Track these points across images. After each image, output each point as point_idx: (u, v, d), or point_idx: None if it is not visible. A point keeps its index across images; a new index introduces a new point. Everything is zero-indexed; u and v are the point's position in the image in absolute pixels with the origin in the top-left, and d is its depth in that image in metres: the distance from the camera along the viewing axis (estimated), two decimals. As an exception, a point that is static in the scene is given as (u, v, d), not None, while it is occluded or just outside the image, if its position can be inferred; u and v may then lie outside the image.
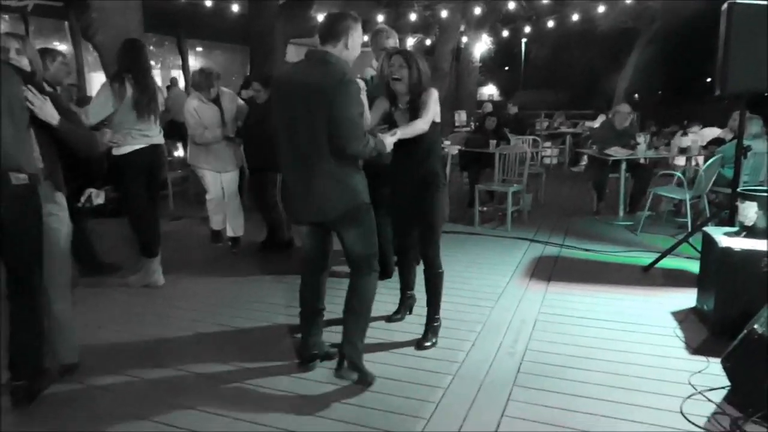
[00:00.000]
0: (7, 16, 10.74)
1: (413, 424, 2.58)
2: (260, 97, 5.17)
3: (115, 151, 4.16)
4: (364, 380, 2.90)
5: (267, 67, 9.68)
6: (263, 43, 10.52)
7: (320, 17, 12.07)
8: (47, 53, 3.90)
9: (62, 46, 11.68)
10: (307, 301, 3.08)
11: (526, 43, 24.35)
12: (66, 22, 11.85)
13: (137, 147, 4.18)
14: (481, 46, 17.54)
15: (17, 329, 2.75)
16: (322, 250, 3.04)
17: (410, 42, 16.70)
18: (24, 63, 2.99)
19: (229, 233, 5.45)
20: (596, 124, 10.87)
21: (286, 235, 5.43)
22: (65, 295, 3.03)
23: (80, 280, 4.32)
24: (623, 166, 6.61)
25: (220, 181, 5.27)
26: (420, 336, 3.41)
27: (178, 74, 15.30)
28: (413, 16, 14.40)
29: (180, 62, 15.62)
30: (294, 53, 12.19)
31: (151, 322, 3.80)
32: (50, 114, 2.76)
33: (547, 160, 11.11)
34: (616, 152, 6.60)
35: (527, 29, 16.78)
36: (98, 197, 6.46)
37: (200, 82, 5.01)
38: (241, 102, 5.37)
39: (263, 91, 5.12)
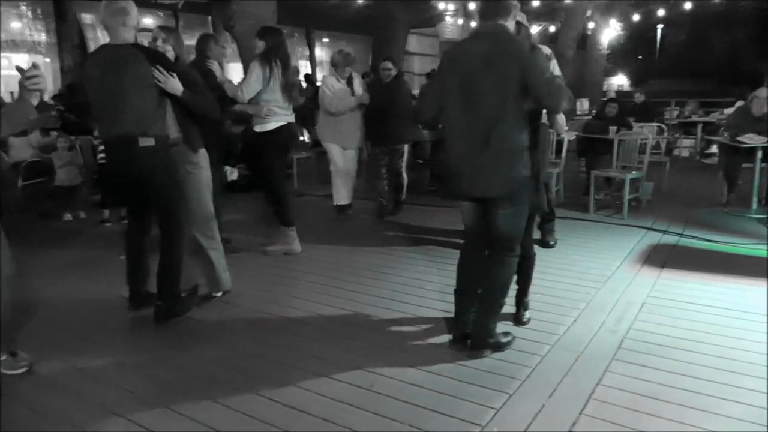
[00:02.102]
0: (161, 13, 12.03)
1: (507, 384, 2.71)
2: (389, 76, 5.73)
3: (259, 128, 4.60)
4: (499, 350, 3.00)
5: (390, 54, 10.03)
6: (385, 32, 10.90)
7: (440, 6, 12.23)
8: (210, 38, 4.61)
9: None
10: (463, 277, 3.10)
11: (661, 27, 22.82)
12: (209, 17, 12.97)
13: (279, 124, 4.61)
14: (610, 32, 16.74)
15: (161, 261, 3.43)
16: (484, 226, 2.99)
17: (534, 30, 16.34)
18: (168, 49, 3.71)
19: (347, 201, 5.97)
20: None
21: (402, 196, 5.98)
22: (206, 234, 3.69)
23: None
24: (759, 155, 6.15)
25: (344, 157, 5.73)
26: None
27: (305, 65, 16.16)
28: (536, 2, 14.09)
29: (307, 53, 16.47)
30: (416, 43, 12.42)
31: (290, 284, 4.25)
32: (175, 87, 3.27)
33: (676, 151, 10.45)
34: (751, 139, 6.15)
35: (661, 12, 15.75)
36: (232, 174, 7.15)
37: (339, 61, 5.54)
38: (363, 86, 5.81)
39: (393, 69, 5.70)
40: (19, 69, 2.43)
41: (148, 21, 13.12)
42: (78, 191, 6.21)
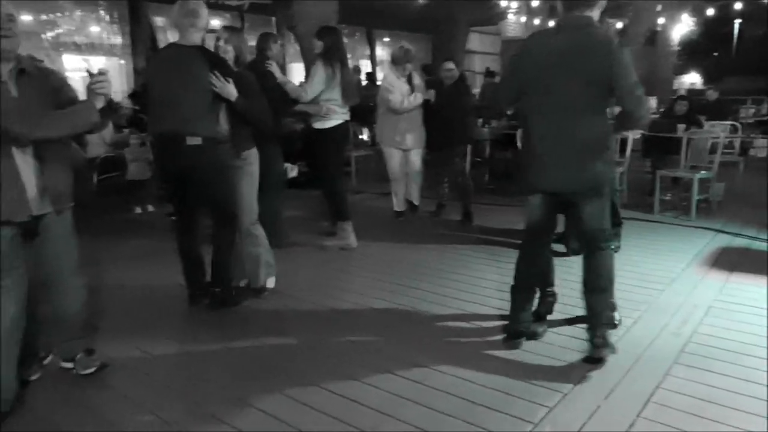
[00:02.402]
0: (228, 14, 12.43)
1: (561, 384, 2.66)
2: (451, 78, 5.56)
3: (319, 125, 4.69)
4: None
5: (449, 54, 9.97)
6: (446, 31, 10.85)
7: (503, 4, 12.00)
8: (271, 37, 4.64)
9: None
10: (523, 274, 3.07)
11: (738, 22, 21.68)
12: (273, 18, 13.28)
13: (338, 122, 4.70)
14: (681, 28, 16.05)
15: (213, 251, 3.59)
16: (550, 223, 3.00)
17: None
18: (229, 49, 3.79)
19: (414, 201, 5.91)
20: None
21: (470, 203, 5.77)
22: (249, 229, 3.74)
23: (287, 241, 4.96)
24: None
25: (404, 160, 5.64)
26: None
27: (365, 64, 16.29)
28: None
29: (368, 52, 16.60)
30: (477, 41, 12.30)
31: (346, 278, 4.33)
32: (230, 93, 3.37)
33: (752, 151, 9.91)
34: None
35: (738, 6, 14.95)
36: (292, 171, 7.32)
37: (399, 56, 5.42)
38: (423, 84, 5.68)
39: (455, 70, 5.55)
40: (89, 72, 2.56)
41: (215, 22, 13.62)
42: (147, 185, 6.50)
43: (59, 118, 2.47)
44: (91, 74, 2.55)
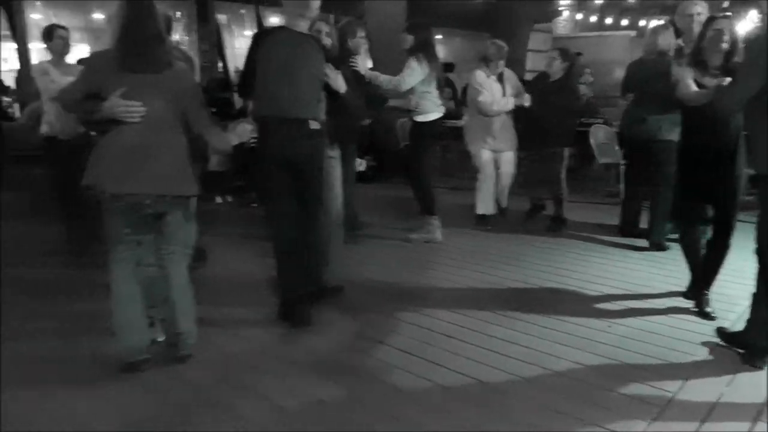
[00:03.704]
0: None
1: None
2: (556, 72, 5.15)
3: (420, 118, 4.72)
4: None
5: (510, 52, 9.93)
6: (506, 28, 10.78)
7: (561, 1, 11.70)
8: (349, 28, 4.50)
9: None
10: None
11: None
12: (331, 15, 13.48)
13: (437, 116, 4.76)
14: (745, 24, 15.60)
15: (307, 245, 3.44)
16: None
17: (653, 22, 15.56)
18: (328, 42, 3.85)
19: (502, 204, 5.55)
20: None
21: (563, 211, 5.38)
22: (336, 223, 3.75)
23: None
24: None
25: (494, 161, 5.32)
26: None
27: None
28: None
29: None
30: (540, 40, 12.19)
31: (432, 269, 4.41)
32: (340, 85, 3.38)
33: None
34: None
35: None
36: (360, 165, 7.43)
37: (493, 54, 5.13)
38: (518, 83, 5.40)
39: (559, 61, 5.11)
40: None
41: (275, 20, 13.90)
42: (227, 176, 6.71)
43: None
44: None
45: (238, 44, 14.19)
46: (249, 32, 14.33)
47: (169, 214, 2.76)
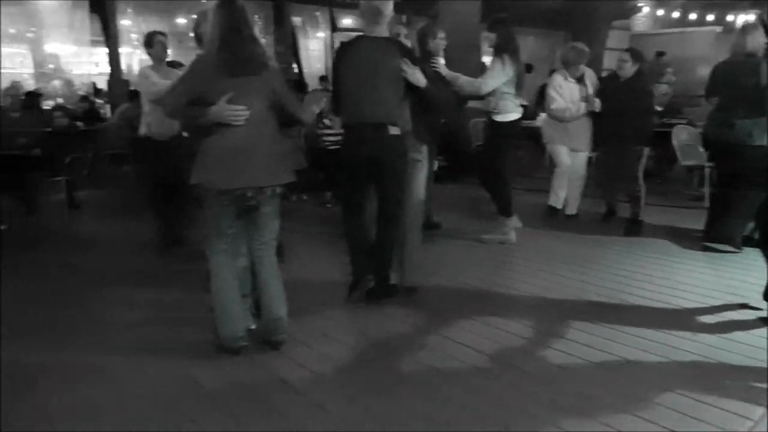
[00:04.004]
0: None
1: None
2: (627, 71, 5.11)
3: (500, 118, 4.69)
4: None
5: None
6: (583, 26, 10.50)
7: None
8: (429, 30, 4.64)
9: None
10: None
11: None
12: (403, 16, 13.56)
13: (516, 116, 4.74)
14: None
15: (377, 242, 3.61)
16: None
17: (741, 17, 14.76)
18: (408, 43, 3.93)
19: (570, 211, 5.61)
20: None
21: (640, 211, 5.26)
22: (417, 224, 3.80)
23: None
24: None
25: (573, 157, 5.42)
26: None
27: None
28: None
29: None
30: (618, 38, 11.83)
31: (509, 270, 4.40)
32: (419, 79, 3.43)
33: None
34: None
35: None
36: (433, 165, 7.43)
37: (572, 58, 5.22)
38: (597, 83, 5.42)
39: (630, 63, 5.08)
40: None
41: (347, 21, 14.13)
42: (303, 175, 6.89)
43: None
44: None
45: (312, 46, 14.59)
46: (322, 34, 14.66)
47: (264, 206, 2.91)
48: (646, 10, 16.40)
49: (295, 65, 12.41)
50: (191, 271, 3.87)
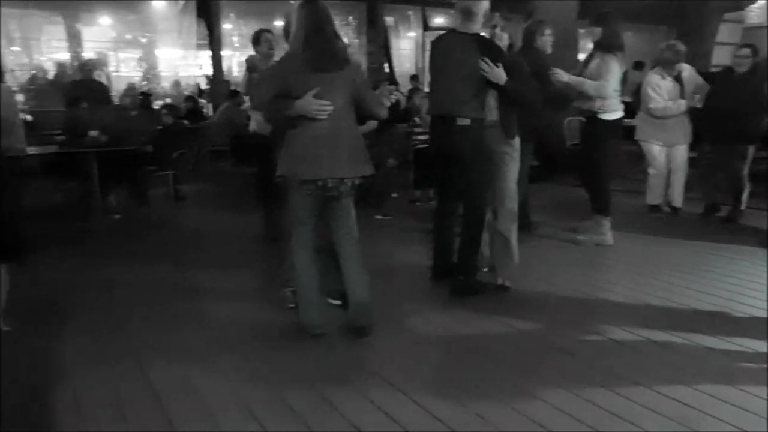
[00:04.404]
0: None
1: None
2: (745, 67, 5.07)
3: (604, 116, 4.57)
4: None
5: (695, 46, 9.19)
6: (695, 21, 9.90)
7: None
8: (537, 27, 4.64)
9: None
10: None
11: None
12: (496, 14, 13.39)
13: (620, 114, 4.62)
14: None
15: (461, 238, 3.67)
16: None
17: None
18: (504, 36, 3.91)
19: (675, 204, 5.58)
20: None
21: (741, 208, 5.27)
22: (510, 220, 3.76)
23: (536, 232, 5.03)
24: None
25: (666, 155, 5.43)
26: None
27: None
28: None
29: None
30: (729, 32, 11.08)
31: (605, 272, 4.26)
32: (499, 77, 3.43)
33: None
34: None
35: None
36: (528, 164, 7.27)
37: (669, 57, 5.21)
38: (701, 80, 5.37)
39: (751, 58, 5.03)
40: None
41: (439, 20, 14.11)
42: (392, 173, 6.95)
43: None
44: None
45: (404, 45, 14.69)
46: (413, 33, 14.73)
47: (345, 197, 3.01)
48: (761, 1, 15.19)
49: (386, 65, 12.56)
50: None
